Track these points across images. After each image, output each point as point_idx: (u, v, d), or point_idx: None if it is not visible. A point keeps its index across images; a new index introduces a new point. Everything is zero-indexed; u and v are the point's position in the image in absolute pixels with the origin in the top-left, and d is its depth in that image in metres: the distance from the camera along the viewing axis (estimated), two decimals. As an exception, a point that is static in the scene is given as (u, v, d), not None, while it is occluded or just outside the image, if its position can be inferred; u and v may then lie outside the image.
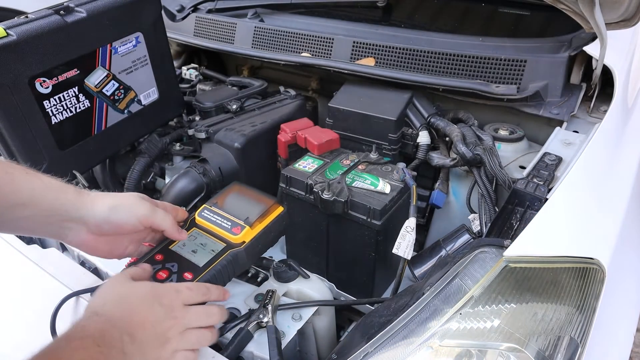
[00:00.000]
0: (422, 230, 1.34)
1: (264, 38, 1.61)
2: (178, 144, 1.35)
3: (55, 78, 1.05)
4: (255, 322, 0.81)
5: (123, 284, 0.69)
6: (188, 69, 1.63)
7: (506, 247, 0.74)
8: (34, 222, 0.72)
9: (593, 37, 1.21)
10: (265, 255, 0.95)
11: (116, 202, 0.76)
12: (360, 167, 1.13)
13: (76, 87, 1.10)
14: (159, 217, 0.79)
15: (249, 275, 0.97)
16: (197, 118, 1.43)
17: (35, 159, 1.05)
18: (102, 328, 0.60)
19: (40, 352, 0.55)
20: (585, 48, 1.20)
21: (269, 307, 0.82)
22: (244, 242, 0.86)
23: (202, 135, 1.30)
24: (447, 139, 1.24)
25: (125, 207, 0.76)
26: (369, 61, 1.43)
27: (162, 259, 0.83)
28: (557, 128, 1.16)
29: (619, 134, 1.08)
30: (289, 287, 0.91)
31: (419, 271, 1.08)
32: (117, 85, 1.19)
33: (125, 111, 1.23)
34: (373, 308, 0.95)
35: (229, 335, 0.80)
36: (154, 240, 0.86)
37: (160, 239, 0.86)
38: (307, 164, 1.15)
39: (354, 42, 1.46)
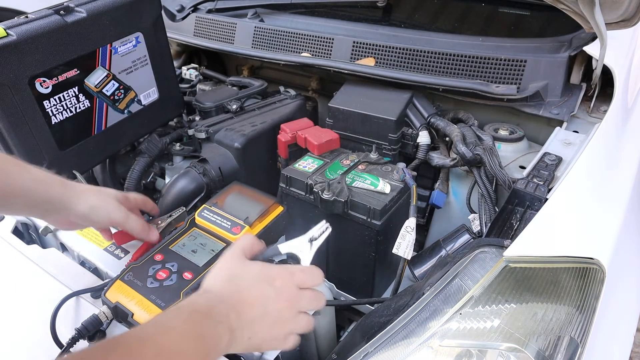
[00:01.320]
0: (422, 230, 1.34)
1: (264, 38, 1.61)
2: (178, 144, 1.35)
3: (55, 78, 1.05)
4: None
5: (235, 263, 0.69)
6: (188, 69, 1.63)
7: (506, 247, 0.74)
8: (21, 210, 0.84)
9: (593, 37, 1.21)
10: (265, 255, 0.94)
11: (97, 203, 0.85)
12: (360, 167, 1.13)
13: (76, 87, 1.10)
14: (130, 224, 0.88)
15: (249, 275, 0.97)
16: (197, 118, 1.43)
17: (35, 159, 1.05)
18: (210, 304, 0.63)
19: (151, 320, 0.58)
20: (585, 48, 1.20)
21: None
22: (244, 242, 0.86)
23: (202, 135, 1.30)
24: (447, 139, 1.24)
25: (103, 209, 0.85)
26: (369, 61, 1.42)
27: (162, 259, 0.83)
28: (557, 128, 1.16)
29: (619, 134, 1.07)
30: (289, 287, 0.90)
31: (419, 271, 1.08)
32: (117, 85, 1.19)
33: (125, 111, 1.23)
34: (373, 308, 0.95)
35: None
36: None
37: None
38: (307, 164, 1.15)
39: (354, 42, 1.46)
